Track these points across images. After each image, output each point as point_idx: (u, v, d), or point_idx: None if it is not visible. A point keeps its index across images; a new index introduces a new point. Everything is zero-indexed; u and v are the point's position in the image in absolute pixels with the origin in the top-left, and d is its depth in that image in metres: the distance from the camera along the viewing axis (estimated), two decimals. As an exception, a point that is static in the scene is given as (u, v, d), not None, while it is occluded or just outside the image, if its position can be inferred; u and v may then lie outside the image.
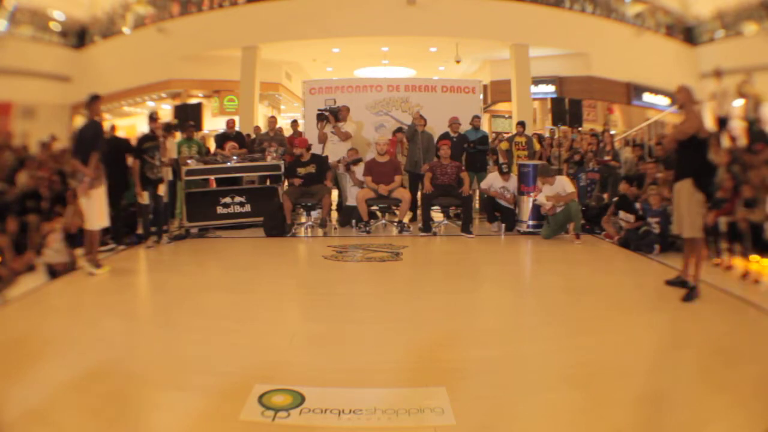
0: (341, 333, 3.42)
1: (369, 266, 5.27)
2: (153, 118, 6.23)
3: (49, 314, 3.87)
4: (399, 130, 7.86)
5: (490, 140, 8.72)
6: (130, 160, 6.17)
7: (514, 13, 11.44)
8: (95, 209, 4.94)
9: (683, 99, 4.23)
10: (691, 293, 4.01)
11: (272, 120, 8.86)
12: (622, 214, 6.21)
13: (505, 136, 10.08)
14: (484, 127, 10.87)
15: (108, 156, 5.28)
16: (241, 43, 11.61)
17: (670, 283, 4.32)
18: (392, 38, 12.04)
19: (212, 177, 7.48)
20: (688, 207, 4.09)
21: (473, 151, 7.59)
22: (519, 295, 4.56)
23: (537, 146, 8.20)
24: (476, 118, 7.83)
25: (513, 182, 6.93)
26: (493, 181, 6.96)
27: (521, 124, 8.23)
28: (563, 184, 6.38)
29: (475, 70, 14.74)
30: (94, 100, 5.05)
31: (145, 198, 5.97)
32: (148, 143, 6.02)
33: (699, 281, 4.10)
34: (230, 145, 7.62)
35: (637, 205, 6.08)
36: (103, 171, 5.00)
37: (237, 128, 8.61)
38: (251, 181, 7.68)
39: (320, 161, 7.00)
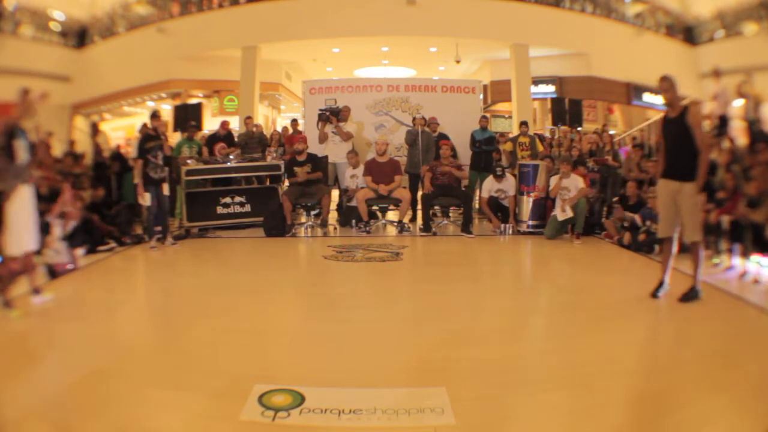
0: (341, 333, 3.41)
1: (369, 266, 5.26)
2: (155, 116, 6.22)
3: (50, 314, 3.87)
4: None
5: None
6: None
7: (514, 13, 11.42)
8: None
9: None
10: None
11: (249, 120, 8.87)
12: (629, 214, 6.22)
13: (508, 136, 10.05)
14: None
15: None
16: (241, 43, 11.60)
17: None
18: (392, 38, 12.03)
19: (210, 177, 7.47)
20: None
21: (479, 150, 7.58)
22: (519, 295, 4.56)
23: (540, 147, 8.17)
24: (483, 118, 7.83)
25: (509, 183, 6.91)
26: (488, 185, 6.96)
27: (524, 124, 8.14)
28: (576, 181, 6.43)
29: (475, 70, 14.73)
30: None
31: (146, 199, 5.94)
32: (151, 143, 6.01)
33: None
34: (219, 146, 7.64)
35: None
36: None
37: (238, 128, 8.58)
38: (251, 181, 7.68)
39: (316, 161, 7.01)
